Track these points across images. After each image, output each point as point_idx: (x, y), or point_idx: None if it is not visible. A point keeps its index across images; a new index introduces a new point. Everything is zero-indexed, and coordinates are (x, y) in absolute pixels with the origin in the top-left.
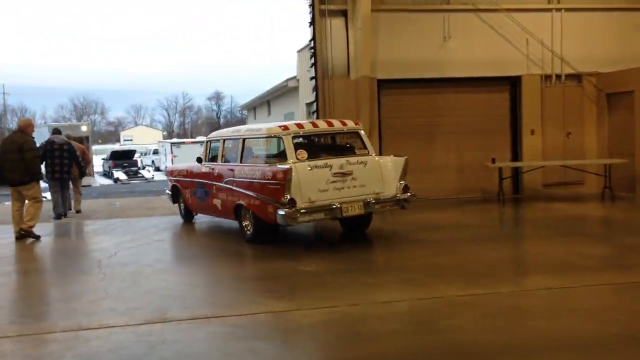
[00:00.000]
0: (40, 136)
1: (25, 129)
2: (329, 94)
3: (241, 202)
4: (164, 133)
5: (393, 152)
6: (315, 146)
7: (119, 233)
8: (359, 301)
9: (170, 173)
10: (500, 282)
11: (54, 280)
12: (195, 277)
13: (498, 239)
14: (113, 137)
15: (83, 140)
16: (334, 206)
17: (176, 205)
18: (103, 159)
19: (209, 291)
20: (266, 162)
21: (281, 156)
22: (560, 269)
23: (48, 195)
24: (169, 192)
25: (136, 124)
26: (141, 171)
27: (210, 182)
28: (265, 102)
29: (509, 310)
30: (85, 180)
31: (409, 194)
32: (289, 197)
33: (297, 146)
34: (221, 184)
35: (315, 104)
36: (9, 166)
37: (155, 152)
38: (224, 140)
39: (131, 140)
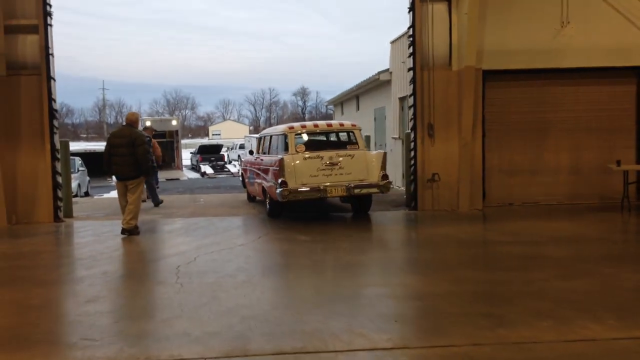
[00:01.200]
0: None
1: (135, 123)
2: (428, 87)
3: (264, 184)
4: (251, 128)
5: (498, 151)
6: (316, 142)
7: (200, 234)
8: (484, 339)
9: (241, 163)
10: None
11: (127, 290)
12: (281, 292)
13: (637, 257)
14: (202, 131)
15: (173, 134)
16: (320, 188)
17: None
18: (191, 152)
19: (297, 313)
20: (276, 154)
21: (286, 149)
22: None
23: None
24: (240, 179)
25: (224, 119)
26: (227, 165)
27: (254, 169)
28: (354, 96)
29: None
30: (173, 174)
31: (386, 181)
32: (281, 180)
33: (307, 142)
34: (258, 171)
35: (412, 97)
36: (118, 160)
37: (242, 146)
38: (263, 137)
39: (219, 134)
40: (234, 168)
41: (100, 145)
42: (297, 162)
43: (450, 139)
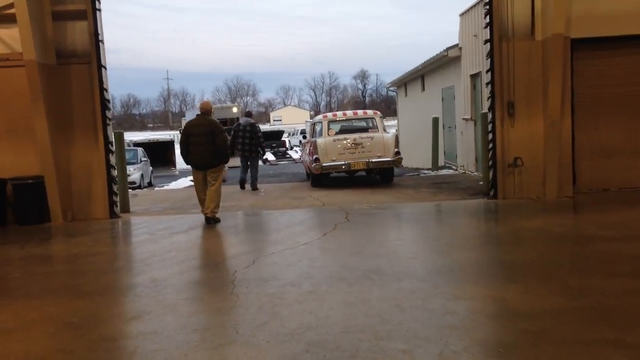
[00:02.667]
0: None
1: (210, 112)
2: (507, 60)
3: (307, 161)
4: (311, 113)
5: (590, 130)
6: (344, 127)
7: (260, 232)
8: None
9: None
10: None
11: (177, 303)
12: (353, 307)
13: None
14: (263, 117)
15: (234, 121)
16: (346, 163)
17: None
18: None
19: (374, 338)
20: (315, 137)
21: (321, 134)
22: None
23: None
24: (300, 159)
25: (285, 105)
26: (289, 152)
27: (304, 150)
28: (419, 76)
29: None
30: (237, 161)
31: (398, 157)
32: (315, 157)
33: (337, 128)
34: (305, 151)
35: (489, 73)
36: (197, 149)
37: (303, 132)
38: (312, 123)
39: (280, 120)
40: (295, 154)
41: (164, 135)
42: (328, 143)
43: (533, 118)
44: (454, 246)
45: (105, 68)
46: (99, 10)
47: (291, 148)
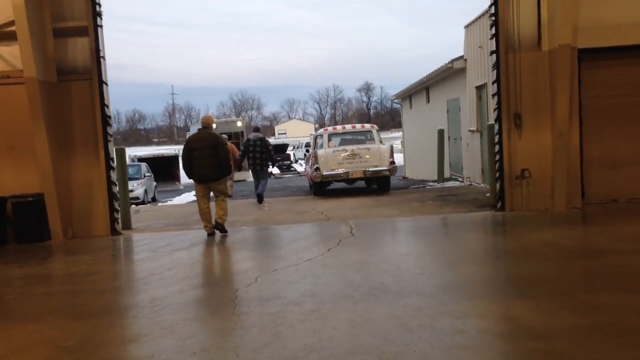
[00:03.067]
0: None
1: (211, 126)
2: (514, 71)
3: (308, 171)
4: (316, 126)
5: (599, 141)
6: (344, 139)
7: (263, 248)
8: None
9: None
10: None
11: (176, 324)
12: (358, 327)
13: None
14: (268, 131)
15: (238, 135)
16: (345, 171)
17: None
18: None
19: None
20: (317, 149)
21: (322, 145)
22: None
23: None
24: (305, 172)
25: (289, 118)
26: (294, 165)
27: (307, 163)
28: (424, 88)
29: None
30: (241, 175)
31: (393, 166)
32: (316, 166)
33: (337, 140)
34: (308, 161)
35: (495, 84)
36: (201, 163)
37: (308, 145)
38: (314, 136)
39: (285, 133)
40: (300, 167)
41: (169, 149)
42: (328, 154)
43: (541, 130)
44: (461, 260)
45: (106, 84)
46: (100, 26)
47: (296, 161)
